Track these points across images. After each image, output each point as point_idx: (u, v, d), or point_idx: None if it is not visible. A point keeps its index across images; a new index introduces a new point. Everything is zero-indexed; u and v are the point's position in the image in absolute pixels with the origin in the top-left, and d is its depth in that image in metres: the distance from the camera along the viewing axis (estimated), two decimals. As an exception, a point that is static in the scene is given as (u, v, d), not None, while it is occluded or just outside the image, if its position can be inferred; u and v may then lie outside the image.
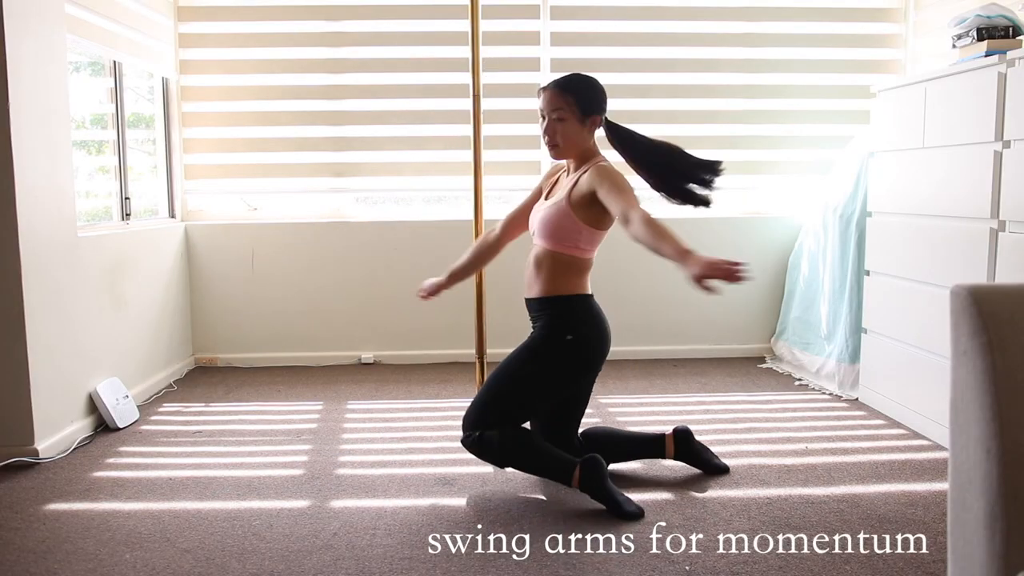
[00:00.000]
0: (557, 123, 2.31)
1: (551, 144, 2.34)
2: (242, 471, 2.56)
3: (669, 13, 4.06)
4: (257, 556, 1.96)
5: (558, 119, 2.31)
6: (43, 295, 2.69)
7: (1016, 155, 2.42)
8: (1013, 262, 2.42)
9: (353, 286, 4.09)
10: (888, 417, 3.08)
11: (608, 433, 2.55)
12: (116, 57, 3.42)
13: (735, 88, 4.12)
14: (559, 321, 2.31)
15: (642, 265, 4.07)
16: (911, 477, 2.46)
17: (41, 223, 2.69)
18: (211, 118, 4.07)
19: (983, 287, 1.06)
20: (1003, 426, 1.01)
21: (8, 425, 2.62)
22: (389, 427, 3.01)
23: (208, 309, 4.08)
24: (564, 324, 2.30)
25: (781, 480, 2.44)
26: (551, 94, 2.31)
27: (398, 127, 4.08)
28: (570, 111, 2.31)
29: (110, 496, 2.35)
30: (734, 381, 3.67)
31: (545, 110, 2.33)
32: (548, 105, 2.32)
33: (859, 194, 3.40)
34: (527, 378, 2.31)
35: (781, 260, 4.15)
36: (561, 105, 2.30)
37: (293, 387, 3.64)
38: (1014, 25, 2.67)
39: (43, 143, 2.70)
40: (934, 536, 2.04)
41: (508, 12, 4.02)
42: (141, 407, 3.29)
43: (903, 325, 2.98)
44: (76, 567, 1.91)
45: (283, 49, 4.03)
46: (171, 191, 4.02)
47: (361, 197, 4.21)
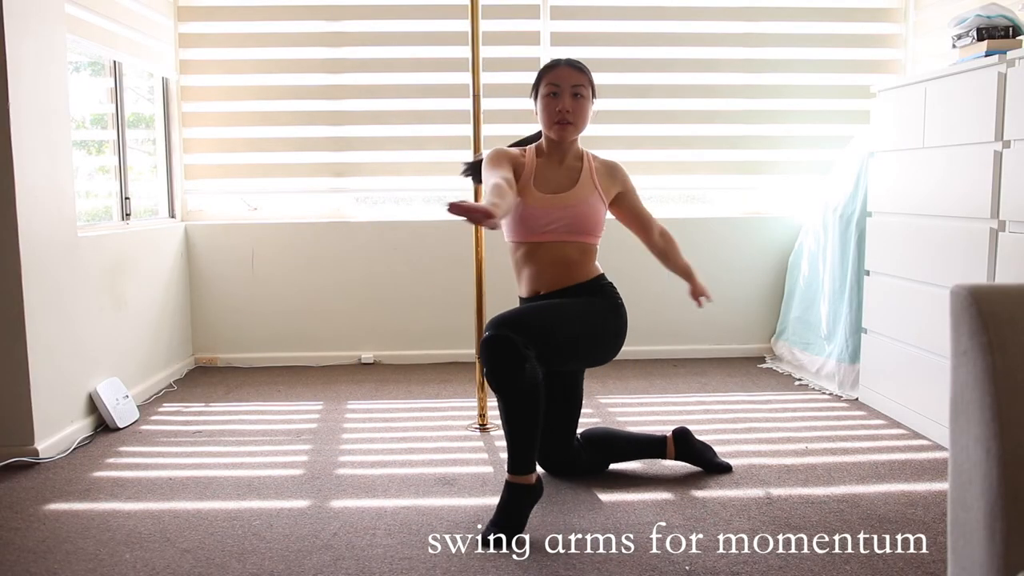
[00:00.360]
0: (576, 99, 2.25)
1: (564, 122, 2.25)
2: (242, 471, 2.56)
3: (669, 13, 4.06)
4: (257, 556, 1.96)
5: (579, 95, 2.25)
6: (43, 295, 2.69)
7: (1016, 155, 2.42)
8: (1013, 262, 2.42)
9: (353, 286, 4.09)
10: (888, 417, 3.08)
11: (608, 434, 2.54)
12: (116, 57, 3.42)
13: (735, 88, 4.12)
14: (608, 291, 2.33)
15: (642, 265, 4.06)
16: (911, 477, 2.46)
17: (41, 223, 2.69)
18: (211, 118, 4.07)
19: (983, 287, 1.06)
20: (1003, 426, 1.01)
21: (8, 425, 2.62)
22: (389, 427, 3.01)
23: (208, 309, 4.08)
24: (612, 294, 2.33)
25: (781, 480, 2.44)
26: (570, 70, 2.25)
27: (398, 127, 4.08)
28: (588, 90, 2.28)
29: (110, 496, 2.35)
30: (734, 381, 3.67)
31: (563, 84, 2.24)
32: (568, 79, 2.24)
33: (859, 194, 3.40)
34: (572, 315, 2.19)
35: (781, 260, 4.15)
36: (582, 82, 2.26)
37: (293, 387, 3.64)
38: (1014, 25, 2.67)
39: (43, 143, 2.70)
40: (934, 536, 2.04)
41: (508, 12, 4.02)
42: (141, 407, 3.29)
43: (903, 325, 2.98)
44: (76, 567, 1.91)
45: (283, 49, 4.03)
46: (171, 191, 4.02)
47: (361, 197, 4.21)
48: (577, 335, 2.19)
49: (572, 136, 2.31)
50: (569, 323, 2.17)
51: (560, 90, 2.25)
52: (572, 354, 2.23)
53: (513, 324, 2.03)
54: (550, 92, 2.26)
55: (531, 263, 2.30)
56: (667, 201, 4.28)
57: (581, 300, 2.25)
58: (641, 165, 4.14)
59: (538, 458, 2.43)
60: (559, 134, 2.28)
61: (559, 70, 2.26)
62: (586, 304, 2.24)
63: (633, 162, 4.14)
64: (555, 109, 2.25)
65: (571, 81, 2.24)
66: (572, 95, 2.25)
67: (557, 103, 2.25)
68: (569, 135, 2.30)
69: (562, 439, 2.42)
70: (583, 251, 2.30)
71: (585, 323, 2.21)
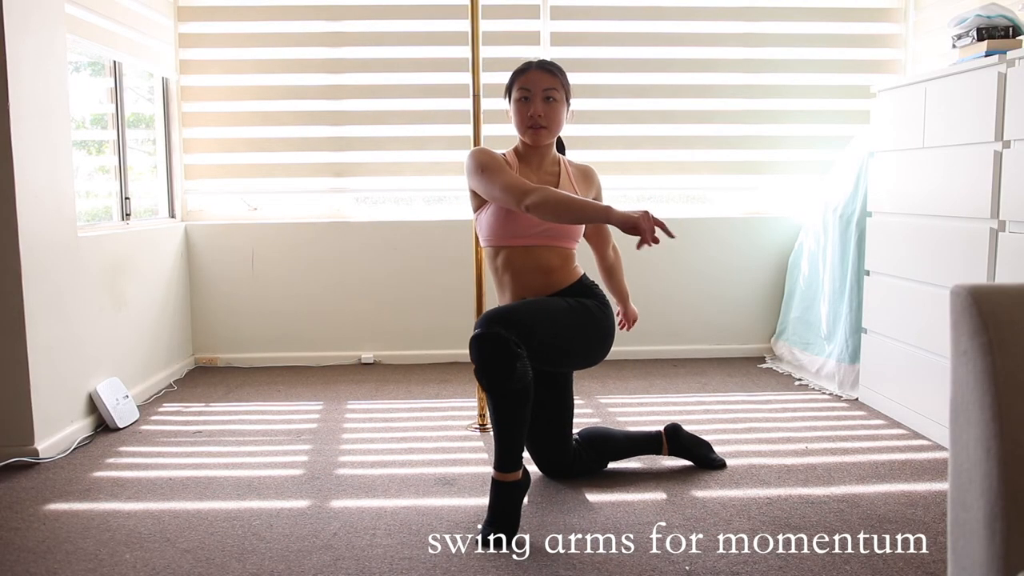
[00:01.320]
0: (548, 104, 2.22)
1: (537, 126, 2.22)
2: (242, 471, 2.56)
3: (669, 13, 4.06)
4: (257, 556, 1.96)
5: (551, 99, 2.22)
6: (43, 295, 2.69)
7: (1016, 155, 2.42)
8: (1013, 262, 2.42)
9: (353, 286, 4.09)
10: (888, 417, 3.08)
11: (604, 433, 2.53)
12: (116, 57, 3.42)
13: (735, 88, 4.12)
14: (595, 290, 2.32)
15: (642, 265, 4.07)
16: (911, 477, 2.46)
17: (41, 223, 2.69)
18: (211, 118, 4.07)
19: (983, 287, 1.06)
20: (1003, 426, 1.01)
21: (8, 425, 2.62)
22: (389, 427, 3.01)
23: (208, 309, 4.08)
24: (599, 293, 2.33)
25: (781, 480, 2.44)
26: (542, 73, 2.22)
27: (398, 127, 4.08)
28: (561, 93, 2.25)
29: (110, 496, 2.35)
30: (734, 381, 3.67)
31: (534, 88, 2.21)
32: (539, 83, 2.21)
33: (859, 194, 3.40)
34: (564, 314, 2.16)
35: (781, 260, 4.15)
36: (555, 85, 2.23)
37: (293, 387, 3.64)
38: (1014, 25, 2.67)
39: (43, 143, 2.70)
40: (934, 536, 2.04)
41: (508, 12, 4.02)
42: (141, 407, 3.29)
43: (903, 325, 2.98)
44: (76, 567, 1.91)
45: (283, 49, 4.03)
46: (171, 191, 4.02)
47: (361, 197, 4.21)
48: (570, 334, 2.17)
49: (546, 140, 2.28)
50: (561, 321, 2.14)
51: (532, 94, 2.22)
52: (564, 353, 2.21)
53: (505, 320, 1.99)
54: (522, 96, 2.23)
55: (512, 269, 2.26)
56: (667, 201, 4.28)
57: (571, 300, 2.23)
58: (641, 165, 4.14)
59: (537, 461, 2.44)
60: (533, 139, 2.25)
61: (531, 74, 2.23)
62: (576, 304, 2.22)
63: (633, 162, 4.14)
64: (527, 114, 2.22)
65: (543, 85, 2.21)
66: (544, 99, 2.22)
67: (529, 107, 2.22)
68: (543, 139, 2.26)
69: (560, 441, 2.40)
70: (564, 256, 2.28)
71: (577, 322, 2.18)
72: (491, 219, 2.25)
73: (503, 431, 2.03)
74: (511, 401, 1.99)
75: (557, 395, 2.36)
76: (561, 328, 2.14)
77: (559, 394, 2.37)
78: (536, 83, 2.22)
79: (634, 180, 4.16)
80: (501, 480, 2.06)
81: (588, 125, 4.08)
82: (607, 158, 4.10)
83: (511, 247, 2.25)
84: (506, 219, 2.22)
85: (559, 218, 2.07)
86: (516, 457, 2.05)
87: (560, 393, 2.37)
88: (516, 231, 2.22)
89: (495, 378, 1.96)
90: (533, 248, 2.24)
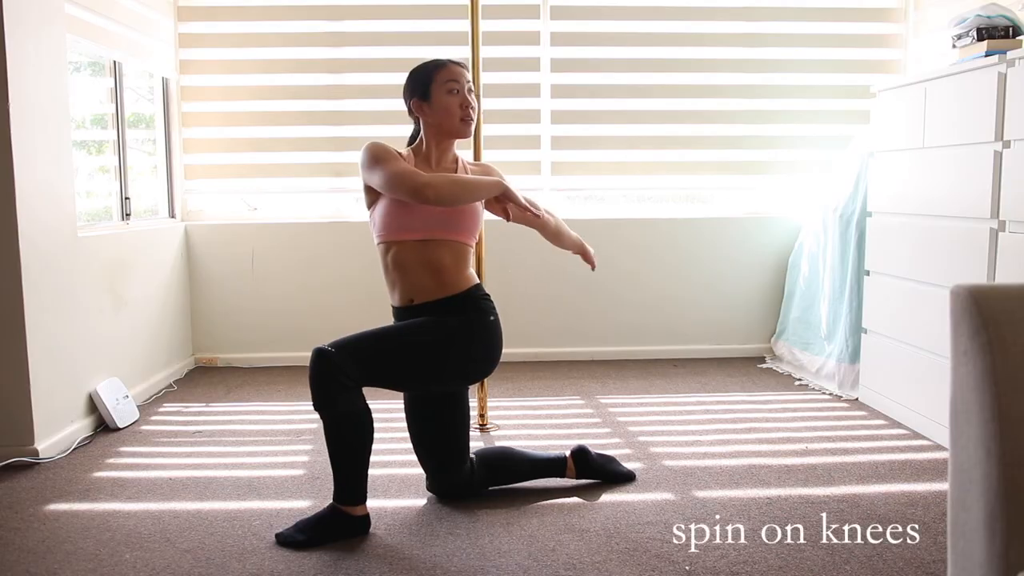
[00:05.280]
0: (471, 95, 2.21)
1: (470, 120, 2.21)
2: (242, 471, 2.56)
3: (669, 13, 4.06)
4: (257, 556, 1.96)
5: (471, 92, 2.22)
6: (43, 295, 2.69)
7: (1016, 155, 2.42)
8: (1013, 262, 2.42)
9: (353, 286, 4.08)
10: (888, 417, 3.08)
11: (504, 453, 2.41)
12: (116, 57, 3.42)
13: (735, 88, 4.12)
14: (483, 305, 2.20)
15: (642, 265, 4.07)
16: (911, 477, 2.46)
17: (41, 223, 2.69)
18: (211, 118, 4.07)
19: (983, 287, 1.06)
20: (1003, 426, 1.01)
21: (8, 425, 2.62)
22: (389, 427, 3.01)
23: (208, 309, 4.08)
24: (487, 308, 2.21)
25: (781, 480, 2.44)
26: (461, 68, 2.21)
27: (398, 127, 4.07)
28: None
29: (110, 496, 2.35)
30: (734, 381, 3.67)
31: (461, 81, 2.18)
32: (463, 77, 2.20)
33: (859, 194, 3.41)
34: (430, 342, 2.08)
35: (781, 260, 4.15)
36: (470, 80, 2.24)
37: (293, 387, 3.64)
38: (1014, 25, 2.67)
39: (43, 143, 2.70)
40: (934, 536, 2.04)
41: (508, 12, 4.02)
42: (141, 407, 3.29)
43: (903, 325, 2.98)
44: (76, 567, 1.91)
45: (283, 49, 4.03)
46: (171, 191, 4.02)
47: (361, 197, 4.20)
48: (430, 363, 2.09)
49: (467, 136, 2.25)
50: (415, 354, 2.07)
51: (460, 87, 2.19)
52: (426, 380, 2.14)
53: (344, 348, 1.98)
54: (451, 89, 2.17)
55: (401, 266, 2.16)
56: (667, 201, 4.27)
57: (450, 321, 2.13)
58: (641, 165, 4.14)
59: (428, 480, 2.33)
60: (465, 131, 2.21)
61: (453, 68, 2.20)
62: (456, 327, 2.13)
63: (633, 162, 4.14)
64: (461, 105, 2.18)
65: (465, 78, 2.21)
66: (468, 91, 2.21)
67: (459, 99, 2.18)
68: (470, 132, 2.24)
69: (451, 456, 2.26)
70: (457, 255, 2.17)
71: (437, 352, 2.09)
72: (384, 212, 2.16)
73: (332, 456, 2.04)
74: (338, 427, 2.00)
75: (450, 410, 2.25)
76: (424, 359, 2.08)
77: (451, 410, 2.25)
78: (460, 76, 2.20)
79: (634, 180, 4.16)
80: (336, 509, 2.06)
81: (588, 125, 4.08)
82: (607, 158, 4.10)
83: (403, 242, 2.15)
84: (399, 211, 2.13)
85: (456, 198, 2.04)
86: (350, 488, 2.04)
87: (452, 408, 2.25)
88: (410, 224, 2.14)
89: (319, 401, 1.98)
90: (426, 243, 2.14)
